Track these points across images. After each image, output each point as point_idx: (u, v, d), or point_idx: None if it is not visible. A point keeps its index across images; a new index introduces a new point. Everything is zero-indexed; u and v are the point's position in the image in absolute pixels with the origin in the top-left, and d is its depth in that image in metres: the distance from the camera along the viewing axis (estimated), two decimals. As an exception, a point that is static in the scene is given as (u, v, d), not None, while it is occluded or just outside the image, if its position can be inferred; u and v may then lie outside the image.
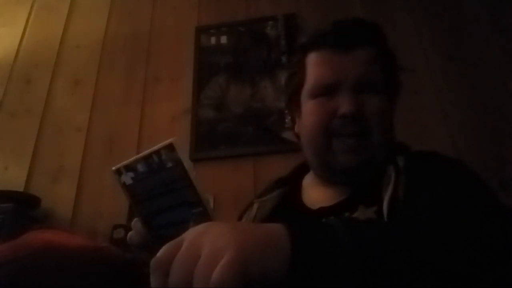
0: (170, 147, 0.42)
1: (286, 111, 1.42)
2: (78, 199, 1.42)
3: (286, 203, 0.73)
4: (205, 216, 0.44)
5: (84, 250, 0.59)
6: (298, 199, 0.72)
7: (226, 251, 0.31)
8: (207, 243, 0.32)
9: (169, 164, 0.42)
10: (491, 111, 1.34)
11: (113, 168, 0.46)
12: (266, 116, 1.46)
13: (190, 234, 0.34)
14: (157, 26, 1.75)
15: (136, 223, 0.49)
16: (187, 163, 0.42)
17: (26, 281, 0.48)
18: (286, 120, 1.42)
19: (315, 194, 0.71)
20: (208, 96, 1.54)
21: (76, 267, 0.53)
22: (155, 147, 0.42)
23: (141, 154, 0.43)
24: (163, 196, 0.44)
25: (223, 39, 1.65)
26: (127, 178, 0.45)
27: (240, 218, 0.78)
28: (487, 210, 0.48)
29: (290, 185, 0.76)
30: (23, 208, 1.30)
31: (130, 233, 0.50)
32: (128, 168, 0.45)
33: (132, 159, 0.44)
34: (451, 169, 0.59)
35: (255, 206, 0.74)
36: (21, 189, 1.45)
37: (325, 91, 0.65)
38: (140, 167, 0.44)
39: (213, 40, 1.66)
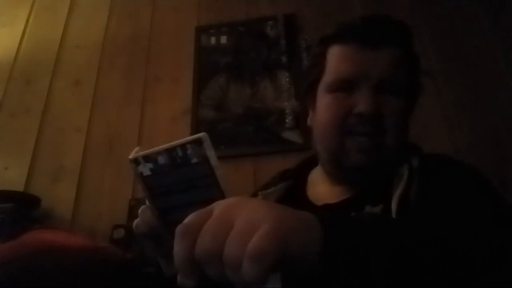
0: (198, 142, 0.39)
1: (289, 109, 1.43)
2: (78, 199, 1.42)
3: (290, 197, 0.72)
4: None
5: (84, 250, 0.59)
6: (303, 194, 0.71)
7: (265, 222, 0.29)
8: (242, 213, 0.31)
9: (194, 160, 0.40)
10: (491, 111, 1.34)
11: (130, 156, 0.43)
12: (266, 116, 1.46)
13: (222, 204, 0.33)
14: (157, 26, 1.75)
15: (144, 212, 0.48)
16: (214, 160, 0.40)
17: (26, 281, 0.48)
18: (287, 120, 1.42)
19: (320, 190, 0.70)
20: (208, 96, 1.54)
21: (76, 267, 0.53)
22: (181, 141, 0.40)
23: (163, 146, 0.41)
24: (183, 192, 0.42)
25: (223, 39, 1.65)
26: (145, 169, 0.42)
27: None
28: (496, 218, 0.48)
29: (296, 179, 0.75)
30: (23, 208, 1.30)
31: (136, 221, 0.49)
32: (148, 158, 0.42)
33: (152, 150, 0.42)
34: (465, 175, 0.58)
35: (259, 198, 0.73)
36: (21, 189, 1.45)
37: (344, 87, 0.63)
38: (161, 159, 0.41)
39: (213, 40, 1.65)
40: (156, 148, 0.41)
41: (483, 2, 1.52)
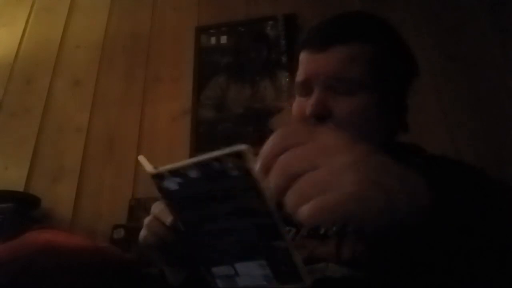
0: (238, 155, 0.36)
1: (289, 109, 1.43)
2: (78, 199, 1.42)
3: None
4: (273, 231, 0.37)
5: (84, 250, 0.59)
6: None
7: (353, 184, 0.29)
8: (343, 159, 0.30)
9: (233, 173, 0.36)
10: (491, 111, 1.34)
11: (154, 171, 0.40)
12: (266, 116, 1.46)
13: (323, 135, 0.32)
14: (157, 26, 1.75)
15: (152, 222, 0.47)
16: (256, 172, 0.36)
17: (26, 281, 0.48)
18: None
19: None
20: (208, 96, 1.54)
21: (76, 267, 0.53)
22: (216, 153, 0.36)
23: (194, 160, 0.37)
24: (218, 203, 0.38)
25: (223, 39, 1.65)
26: (172, 183, 0.39)
27: None
28: (504, 221, 0.47)
29: None
30: (23, 208, 1.30)
31: (143, 233, 0.48)
32: (175, 173, 0.39)
33: (181, 163, 0.38)
34: (469, 177, 0.57)
35: None
36: (21, 189, 1.45)
37: (304, 91, 0.66)
38: (192, 174, 0.38)
39: (213, 40, 1.65)
40: (185, 162, 0.38)
41: (483, 2, 1.52)
